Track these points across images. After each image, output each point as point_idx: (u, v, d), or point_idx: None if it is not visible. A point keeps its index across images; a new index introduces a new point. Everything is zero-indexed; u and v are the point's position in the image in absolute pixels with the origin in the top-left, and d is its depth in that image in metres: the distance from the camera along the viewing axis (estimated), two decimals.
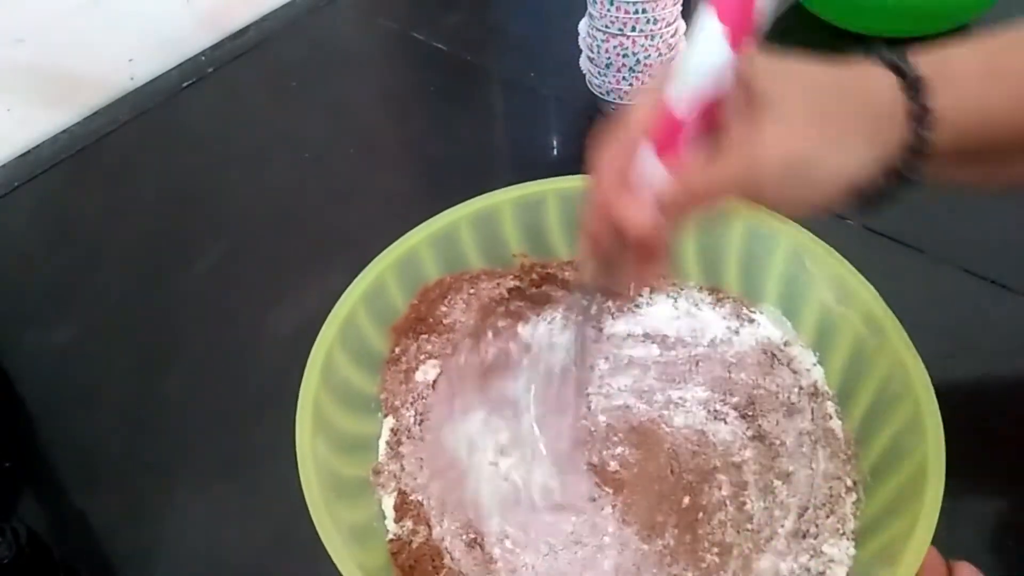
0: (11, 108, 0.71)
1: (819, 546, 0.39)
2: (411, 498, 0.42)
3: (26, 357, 0.56)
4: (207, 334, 0.56)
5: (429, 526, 0.41)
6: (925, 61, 0.32)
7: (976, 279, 0.53)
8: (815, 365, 0.46)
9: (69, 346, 0.56)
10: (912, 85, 0.31)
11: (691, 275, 0.51)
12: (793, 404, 0.45)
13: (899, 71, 0.31)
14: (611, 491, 0.42)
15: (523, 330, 0.49)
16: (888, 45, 0.32)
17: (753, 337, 0.48)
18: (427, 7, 0.86)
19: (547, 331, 0.49)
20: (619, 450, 0.44)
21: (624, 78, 0.64)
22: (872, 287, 0.43)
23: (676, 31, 0.63)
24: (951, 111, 0.31)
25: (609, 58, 0.63)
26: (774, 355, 0.47)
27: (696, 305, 0.50)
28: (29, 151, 0.73)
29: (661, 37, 0.61)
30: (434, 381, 0.47)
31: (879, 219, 0.57)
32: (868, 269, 0.43)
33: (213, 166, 0.70)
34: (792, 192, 0.32)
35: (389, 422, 0.45)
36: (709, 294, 0.50)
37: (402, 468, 0.43)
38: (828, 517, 0.40)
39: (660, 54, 0.62)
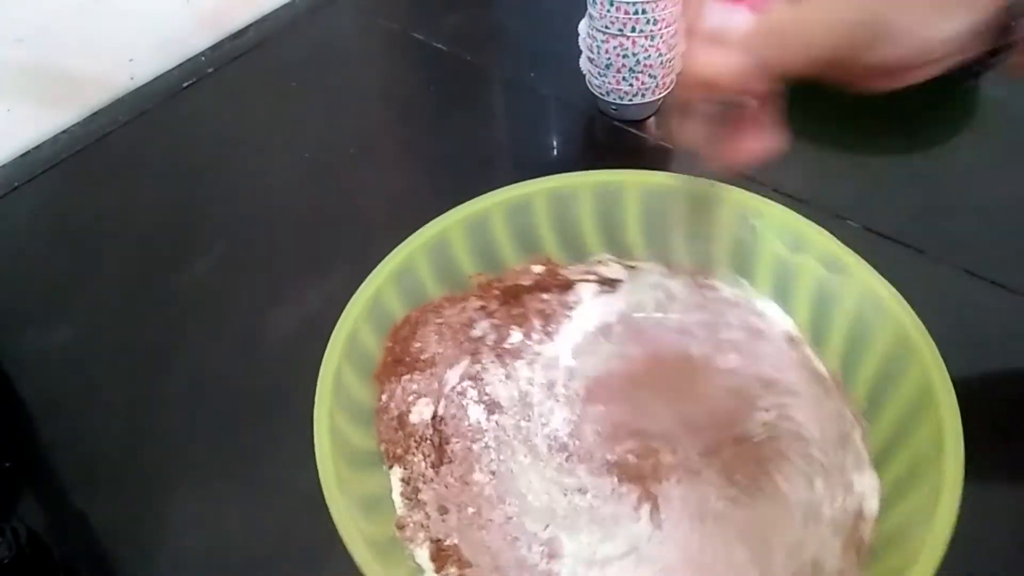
0: (11, 108, 0.71)
1: (849, 483, 0.39)
2: (447, 544, 0.40)
3: (26, 357, 0.56)
4: (207, 334, 0.56)
5: (472, 567, 0.39)
6: None
7: (976, 279, 0.53)
8: (783, 317, 0.46)
9: (69, 346, 0.56)
10: None
11: (641, 254, 0.50)
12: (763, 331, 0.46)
13: None
14: (635, 485, 0.42)
15: (499, 349, 0.48)
16: None
17: (714, 299, 0.48)
18: (427, 7, 0.86)
19: (521, 344, 0.48)
20: (629, 443, 0.44)
21: (624, 78, 0.64)
22: (825, 231, 0.43)
23: (676, 31, 0.63)
24: None
25: (609, 58, 0.63)
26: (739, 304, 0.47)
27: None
28: (29, 151, 0.73)
29: (661, 37, 0.61)
30: (432, 418, 0.45)
31: (879, 219, 0.57)
32: None
33: (213, 166, 0.70)
34: (880, 50, 0.29)
35: (397, 472, 0.43)
36: (664, 270, 0.49)
37: (427, 516, 0.41)
38: (846, 454, 0.40)
39: (660, 54, 0.62)
